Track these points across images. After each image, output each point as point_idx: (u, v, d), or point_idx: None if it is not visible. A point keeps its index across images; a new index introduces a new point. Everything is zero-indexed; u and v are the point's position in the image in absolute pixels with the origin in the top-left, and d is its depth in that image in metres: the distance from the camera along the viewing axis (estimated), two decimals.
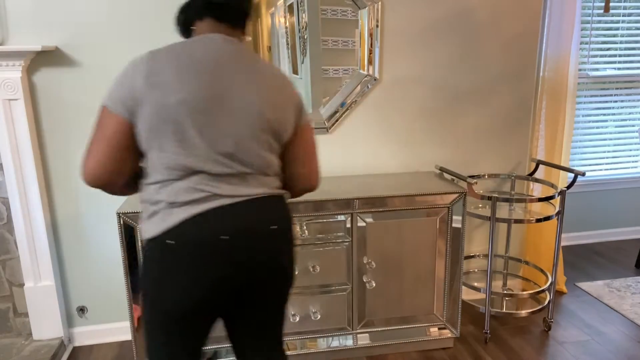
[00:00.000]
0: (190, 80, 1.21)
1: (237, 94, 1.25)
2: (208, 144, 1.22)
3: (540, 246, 2.87)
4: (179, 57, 1.25)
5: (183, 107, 1.20)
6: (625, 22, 3.45)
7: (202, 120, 1.21)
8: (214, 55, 1.26)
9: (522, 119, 2.72)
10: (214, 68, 1.24)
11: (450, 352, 2.40)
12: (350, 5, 2.41)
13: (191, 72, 1.22)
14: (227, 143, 1.24)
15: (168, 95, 1.19)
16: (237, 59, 1.28)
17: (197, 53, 1.25)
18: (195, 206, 1.23)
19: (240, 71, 1.27)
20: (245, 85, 1.26)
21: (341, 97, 2.49)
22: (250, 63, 1.29)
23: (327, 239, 2.21)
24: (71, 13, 2.20)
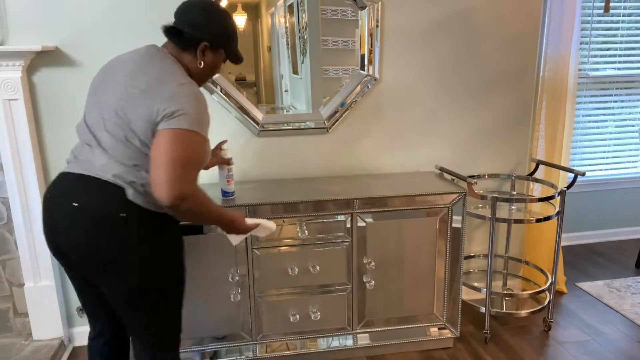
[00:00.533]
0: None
1: (106, 87, 1.49)
2: (86, 119, 1.53)
3: (540, 246, 2.87)
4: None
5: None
6: (625, 22, 3.45)
7: (89, 101, 1.54)
8: (124, 58, 1.56)
9: (522, 119, 2.72)
10: (114, 67, 1.53)
11: (450, 352, 2.40)
12: (350, 5, 2.41)
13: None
14: (93, 116, 1.50)
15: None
16: (135, 62, 1.50)
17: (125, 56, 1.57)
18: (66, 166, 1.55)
19: (123, 71, 1.48)
20: (114, 81, 1.48)
21: (341, 97, 2.49)
22: (141, 67, 1.47)
23: (327, 239, 2.21)
24: (71, 13, 2.20)
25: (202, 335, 2.20)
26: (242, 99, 2.40)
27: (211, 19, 1.54)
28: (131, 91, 1.43)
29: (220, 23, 1.56)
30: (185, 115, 1.36)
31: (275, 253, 2.18)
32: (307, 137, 2.52)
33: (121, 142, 1.43)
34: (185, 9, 1.57)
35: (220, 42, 1.57)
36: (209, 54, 1.56)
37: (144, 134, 1.41)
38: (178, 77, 1.45)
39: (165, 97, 1.38)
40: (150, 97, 1.39)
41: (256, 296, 2.21)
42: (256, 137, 2.47)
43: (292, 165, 2.54)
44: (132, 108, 1.41)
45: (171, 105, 1.37)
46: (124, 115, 1.42)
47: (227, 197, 2.15)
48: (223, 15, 1.59)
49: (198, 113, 1.40)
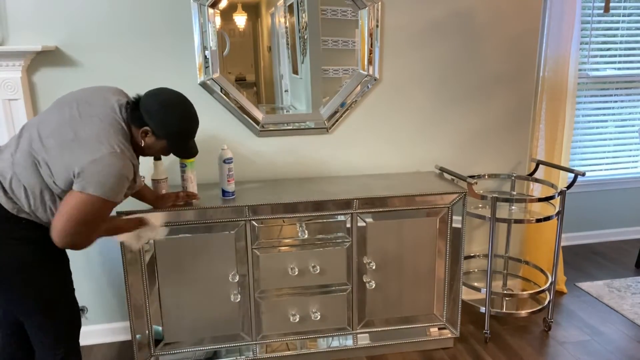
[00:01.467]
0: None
1: (57, 109, 1.60)
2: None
3: (540, 246, 2.87)
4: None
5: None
6: (625, 22, 3.45)
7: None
8: (88, 95, 1.66)
9: (522, 119, 2.72)
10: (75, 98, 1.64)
11: (450, 352, 2.40)
12: (350, 5, 2.41)
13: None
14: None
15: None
16: (91, 104, 1.59)
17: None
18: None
19: (77, 104, 1.59)
20: (55, 111, 1.59)
21: (341, 97, 2.49)
22: (90, 113, 1.56)
23: (327, 239, 2.21)
24: (71, 13, 2.20)
25: (202, 335, 2.20)
26: (242, 99, 2.40)
27: (165, 114, 1.61)
28: (68, 133, 1.51)
29: (172, 122, 1.63)
30: (99, 183, 1.48)
31: (275, 253, 2.18)
32: (307, 137, 2.52)
33: (30, 161, 1.52)
34: (151, 93, 1.64)
35: (164, 135, 1.64)
36: (151, 138, 1.63)
37: (57, 176, 1.51)
38: (112, 143, 1.52)
39: (88, 160, 1.47)
40: (79, 149, 1.49)
41: (256, 296, 2.21)
42: (256, 137, 2.47)
43: (292, 165, 2.54)
44: (61, 150, 1.50)
45: (90, 169, 1.47)
46: (47, 146, 1.52)
47: (227, 197, 2.15)
48: (180, 115, 1.65)
49: (113, 183, 1.50)
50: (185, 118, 1.67)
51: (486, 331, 2.46)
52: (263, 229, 2.15)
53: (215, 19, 2.29)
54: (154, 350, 2.18)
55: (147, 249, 2.08)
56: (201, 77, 2.34)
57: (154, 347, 2.18)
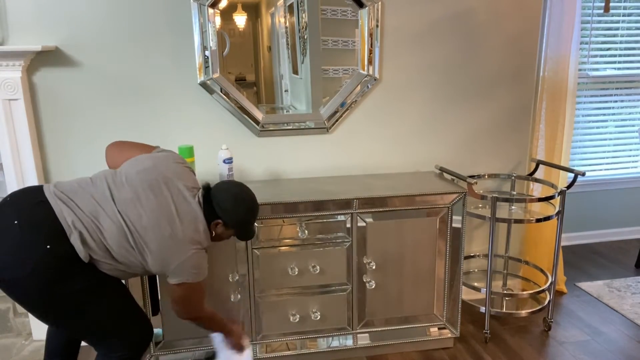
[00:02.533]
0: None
1: (151, 192, 1.70)
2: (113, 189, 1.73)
3: (540, 246, 2.87)
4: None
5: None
6: (625, 22, 3.44)
7: (129, 172, 1.75)
8: (176, 174, 1.79)
9: (522, 119, 2.72)
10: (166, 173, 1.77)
11: (450, 352, 2.40)
12: (350, 5, 2.41)
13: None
14: (123, 196, 1.70)
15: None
16: (179, 197, 1.71)
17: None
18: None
19: (167, 193, 1.70)
20: (159, 195, 1.70)
21: (341, 97, 2.49)
22: (180, 208, 1.69)
23: (327, 239, 2.21)
24: (71, 13, 2.20)
25: (202, 335, 2.20)
26: (242, 99, 2.40)
27: (237, 209, 1.77)
28: (163, 230, 1.64)
29: (242, 215, 1.79)
30: (190, 274, 1.70)
31: (275, 253, 2.18)
32: (307, 137, 2.52)
33: (120, 243, 1.62)
34: (224, 188, 1.79)
35: (234, 225, 1.79)
36: (221, 228, 1.77)
37: (152, 265, 1.67)
38: (200, 242, 1.71)
39: (181, 260, 1.66)
40: (173, 250, 1.66)
41: (256, 296, 2.20)
42: (256, 137, 2.47)
43: (292, 165, 2.54)
44: (157, 245, 1.64)
45: (182, 267, 1.68)
46: (147, 239, 1.64)
47: None
48: (249, 210, 1.81)
49: (198, 271, 1.72)
50: (253, 210, 1.83)
51: (486, 331, 2.46)
52: (263, 228, 2.15)
53: (215, 18, 2.29)
54: (153, 350, 2.18)
55: None
56: (201, 77, 2.34)
57: (154, 347, 2.18)
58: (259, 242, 2.15)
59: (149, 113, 2.35)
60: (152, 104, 2.35)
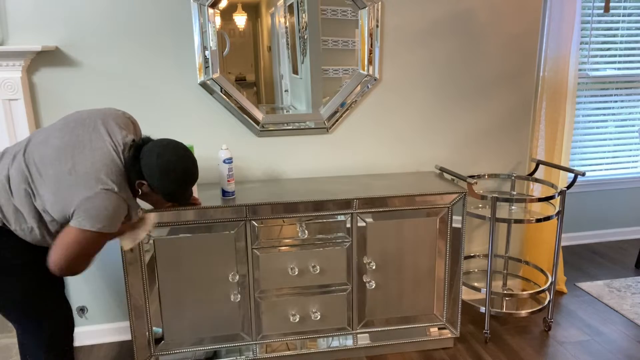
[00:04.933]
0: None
1: (59, 133, 1.62)
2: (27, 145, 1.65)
3: (540, 246, 2.87)
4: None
5: None
6: (625, 22, 3.44)
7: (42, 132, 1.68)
8: (86, 118, 1.68)
9: (522, 119, 2.72)
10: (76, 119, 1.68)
11: (450, 352, 2.40)
12: (350, 5, 2.41)
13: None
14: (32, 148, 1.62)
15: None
16: (84, 136, 1.60)
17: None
18: None
19: (70, 133, 1.60)
20: (56, 132, 1.61)
21: (341, 97, 2.49)
22: (84, 147, 1.57)
23: (327, 239, 2.21)
24: (71, 13, 2.20)
25: (202, 335, 2.20)
26: (242, 99, 2.40)
27: (163, 179, 1.62)
28: (66, 165, 1.53)
29: (169, 185, 1.64)
30: (94, 218, 1.51)
31: (275, 253, 2.18)
32: (307, 137, 2.52)
33: (22, 186, 1.55)
34: (158, 150, 1.62)
35: (162, 193, 1.67)
36: (146, 188, 1.66)
37: (52, 209, 1.54)
38: (107, 181, 1.54)
39: (83, 197, 1.51)
40: (75, 185, 1.52)
41: (256, 296, 2.20)
42: (256, 137, 2.47)
43: (292, 165, 2.54)
44: (57, 182, 1.52)
45: (85, 206, 1.51)
46: (43, 174, 1.54)
47: (227, 197, 2.15)
48: (178, 180, 1.66)
49: (107, 218, 1.53)
50: (182, 182, 1.68)
51: (486, 331, 2.46)
52: (263, 229, 2.15)
53: (215, 19, 2.29)
54: (154, 350, 2.18)
55: (147, 249, 2.07)
56: (201, 77, 2.34)
57: (154, 347, 2.18)
58: (259, 242, 2.15)
59: (149, 113, 2.35)
60: (152, 104, 2.35)
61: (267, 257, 2.17)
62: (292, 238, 2.18)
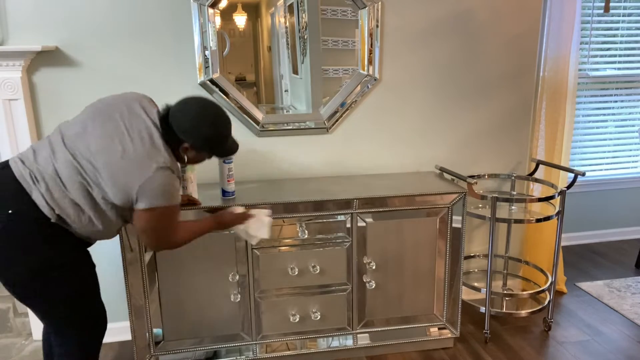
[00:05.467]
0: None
1: (99, 123, 1.62)
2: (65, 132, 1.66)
3: (540, 246, 2.87)
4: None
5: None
6: (625, 22, 3.45)
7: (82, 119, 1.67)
8: (125, 104, 1.67)
9: (522, 119, 2.72)
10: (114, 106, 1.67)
11: (450, 352, 2.40)
12: (350, 5, 2.41)
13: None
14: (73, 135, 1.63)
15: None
16: (131, 121, 1.61)
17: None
18: None
19: (118, 120, 1.61)
20: (97, 123, 1.62)
21: (341, 97, 2.49)
22: (129, 128, 1.59)
23: (327, 239, 2.21)
24: (71, 13, 2.20)
25: (202, 335, 2.20)
26: (242, 99, 2.40)
27: (198, 128, 1.61)
28: (116, 149, 1.55)
29: (206, 132, 1.63)
30: (160, 196, 1.56)
31: (275, 253, 2.18)
32: (307, 137, 2.52)
33: (76, 179, 1.55)
34: (181, 108, 1.63)
35: (203, 147, 1.66)
36: (192, 152, 1.67)
37: (114, 197, 1.57)
38: (159, 159, 1.57)
39: (143, 179, 1.53)
40: (131, 168, 1.54)
41: (256, 296, 2.21)
42: (256, 137, 2.47)
43: (292, 165, 2.54)
44: (110, 169, 1.54)
45: (148, 187, 1.54)
46: (96, 165, 1.55)
47: (227, 197, 2.15)
48: (212, 124, 1.64)
49: (170, 191, 1.58)
50: (218, 124, 1.67)
51: (486, 331, 2.47)
52: None
53: (215, 19, 2.29)
54: (154, 350, 2.18)
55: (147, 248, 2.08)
56: (201, 77, 2.34)
57: (154, 347, 2.18)
58: (259, 242, 2.15)
59: None
60: None
61: (267, 257, 2.17)
62: (292, 238, 2.18)
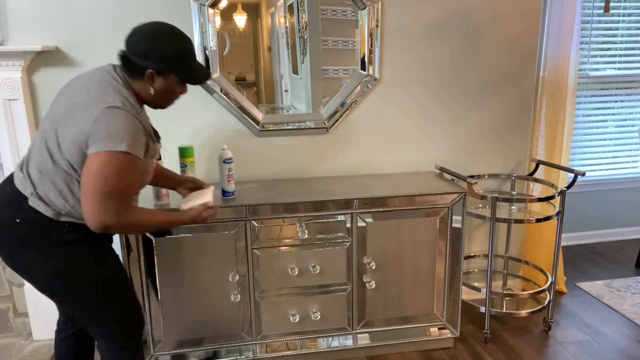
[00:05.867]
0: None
1: (56, 101, 1.55)
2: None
3: (540, 246, 2.87)
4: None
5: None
6: (625, 22, 3.45)
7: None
8: (81, 77, 1.58)
9: (522, 119, 2.72)
10: (70, 84, 1.58)
11: (450, 352, 2.40)
12: (350, 5, 2.41)
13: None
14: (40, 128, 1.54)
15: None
16: (83, 82, 1.52)
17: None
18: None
19: (73, 87, 1.53)
20: (57, 100, 1.54)
21: (341, 97, 2.49)
22: (86, 86, 1.49)
23: (327, 239, 2.21)
24: (71, 13, 2.20)
25: (202, 335, 2.20)
26: (242, 99, 2.40)
27: (155, 45, 1.49)
28: (67, 107, 1.45)
29: (165, 48, 1.50)
30: (110, 137, 1.36)
31: (275, 253, 2.18)
32: (307, 137, 2.52)
33: (47, 156, 1.46)
34: (130, 35, 1.52)
35: (168, 67, 1.51)
36: (158, 80, 1.53)
37: (70, 154, 1.43)
38: (109, 99, 1.42)
39: (90, 121, 1.38)
40: (79, 116, 1.41)
41: (256, 296, 2.21)
42: (256, 137, 2.47)
43: (292, 165, 2.54)
44: (64, 125, 1.44)
45: (95, 128, 1.37)
46: (56, 130, 1.45)
47: (227, 197, 2.15)
48: (170, 38, 1.52)
49: (125, 134, 1.38)
50: (177, 37, 1.53)
51: (486, 331, 2.47)
52: (263, 229, 2.15)
53: (215, 19, 2.29)
54: (153, 350, 2.18)
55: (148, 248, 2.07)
56: None
57: (154, 347, 2.18)
58: (259, 242, 2.16)
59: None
60: None
61: (267, 257, 2.17)
62: (292, 238, 2.18)
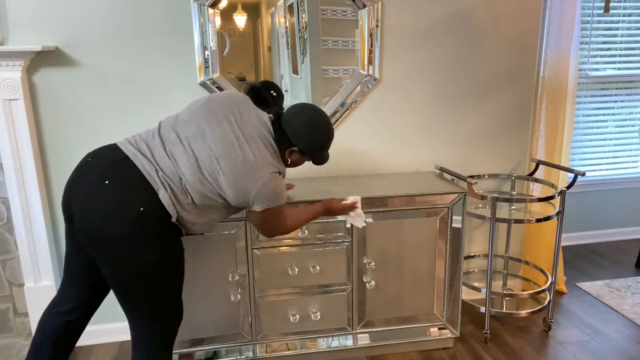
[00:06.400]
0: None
1: (214, 122, 1.70)
2: (178, 126, 1.73)
3: (540, 246, 2.87)
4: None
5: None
6: (625, 22, 3.45)
7: (194, 113, 1.77)
8: (237, 102, 1.78)
9: (522, 119, 2.72)
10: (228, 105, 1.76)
11: (450, 352, 2.40)
12: (350, 5, 2.41)
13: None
14: (191, 132, 1.71)
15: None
16: (244, 122, 1.71)
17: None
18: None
19: (232, 117, 1.70)
20: (223, 122, 1.70)
21: (341, 97, 2.49)
22: (248, 135, 1.68)
23: (327, 239, 2.21)
24: (71, 13, 2.20)
25: (202, 336, 2.20)
26: None
27: (311, 134, 1.75)
28: (231, 142, 1.64)
29: (316, 139, 1.77)
30: (273, 199, 1.69)
31: (275, 253, 2.18)
32: None
33: (198, 180, 1.63)
34: (297, 113, 1.75)
35: (311, 152, 1.79)
36: (296, 155, 1.78)
37: (231, 197, 1.67)
38: (273, 164, 1.70)
39: (260, 184, 1.65)
40: (249, 177, 1.64)
41: (256, 296, 2.21)
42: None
43: None
44: (228, 163, 1.62)
45: (263, 191, 1.66)
46: (217, 160, 1.63)
47: None
48: (322, 132, 1.78)
49: (279, 195, 1.71)
50: (329, 131, 1.81)
51: (486, 331, 2.47)
52: None
53: (215, 19, 2.29)
54: None
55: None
56: (201, 77, 2.34)
57: None
58: (259, 242, 2.15)
59: (149, 113, 2.35)
60: (152, 104, 2.35)
61: (267, 257, 2.17)
62: (292, 238, 2.18)
